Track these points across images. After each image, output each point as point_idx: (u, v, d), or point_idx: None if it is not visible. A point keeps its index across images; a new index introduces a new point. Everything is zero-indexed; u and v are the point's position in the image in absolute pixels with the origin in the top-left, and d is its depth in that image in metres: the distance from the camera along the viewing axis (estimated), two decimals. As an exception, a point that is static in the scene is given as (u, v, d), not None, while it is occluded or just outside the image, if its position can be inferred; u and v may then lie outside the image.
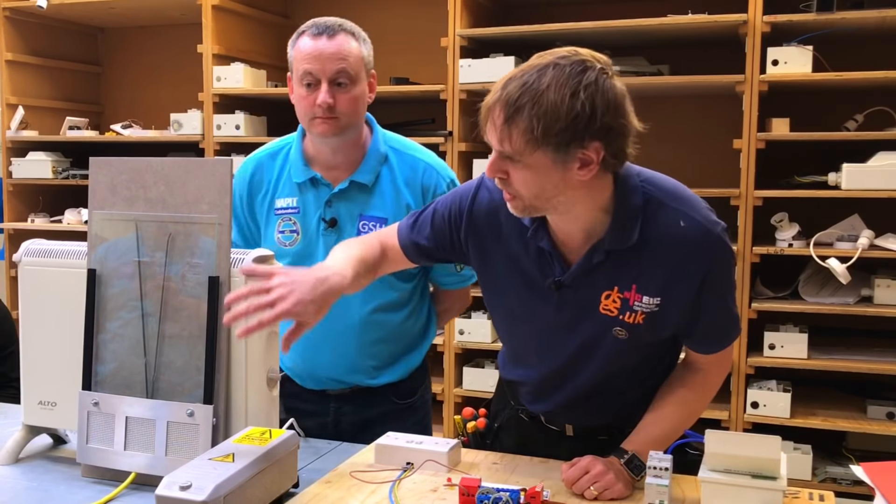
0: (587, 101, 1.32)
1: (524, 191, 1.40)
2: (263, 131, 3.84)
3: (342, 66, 1.82)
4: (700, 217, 1.46)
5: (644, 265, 1.45)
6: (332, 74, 1.82)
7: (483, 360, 3.50)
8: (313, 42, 1.83)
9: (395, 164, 1.93)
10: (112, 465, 1.52)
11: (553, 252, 1.50)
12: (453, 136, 3.42)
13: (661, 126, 3.56)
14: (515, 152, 1.36)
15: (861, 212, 3.12)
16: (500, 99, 1.35)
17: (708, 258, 1.44)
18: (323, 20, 1.86)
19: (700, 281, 1.45)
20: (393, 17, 3.95)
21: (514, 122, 1.34)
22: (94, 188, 1.56)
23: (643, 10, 3.23)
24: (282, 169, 1.94)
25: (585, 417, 1.65)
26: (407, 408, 2.02)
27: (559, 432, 1.69)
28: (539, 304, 1.55)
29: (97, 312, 1.54)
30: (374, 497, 1.48)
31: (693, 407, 1.58)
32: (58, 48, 4.29)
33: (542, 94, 1.32)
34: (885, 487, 1.40)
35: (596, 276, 1.48)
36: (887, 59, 3.06)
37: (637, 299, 1.47)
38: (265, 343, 1.49)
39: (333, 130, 1.84)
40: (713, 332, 1.53)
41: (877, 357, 3.08)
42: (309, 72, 1.82)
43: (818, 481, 3.07)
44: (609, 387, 1.60)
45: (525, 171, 1.37)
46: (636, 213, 1.44)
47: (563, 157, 1.35)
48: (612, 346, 1.53)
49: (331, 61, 1.81)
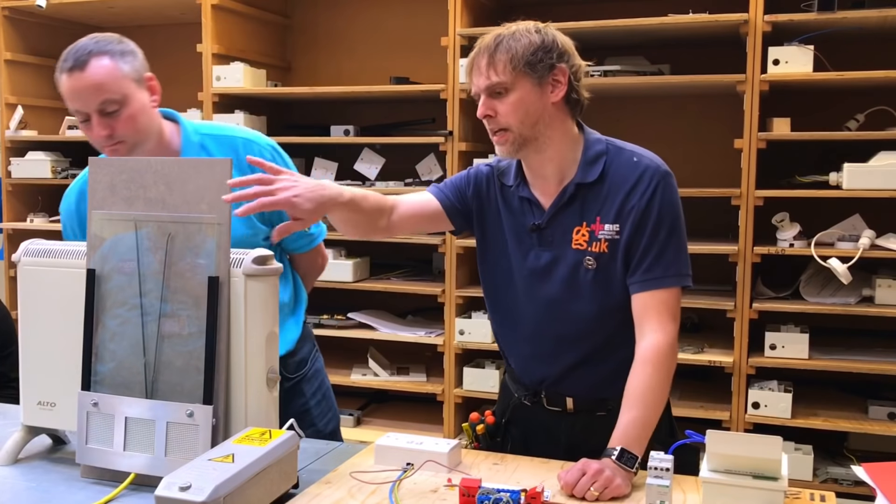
0: (546, 35, 1.67)
1: (512, 119, 1.65)
2: (263, 131, 3.82)
3: (103, 97, 1.74)
4: (651, 157, 1.71)
5: (605, 197, 1.69)
6: (97, 107, 1.75)
7: (483, 361, 3.50)
8: (69, 79, 1.76)
9: (213, 149, 1.90)
10: (111, 465, 1.51)
11: (532, 200, 1.74)
12: (453, 136, 3.42)
13: (661, 126, 3.60)
14: (502, 80, 1.63)
15: (862, 212, 3.12)
16: (481, 48, 1.67)
17: (654, 185, 1.67)
18: (75, 49, 1.78)
19: (646, 204, 1.66)
20: (393, 17, 3.95)
21: (496, 56, 1.64)
22: (93, 188, 1.56)
23: (643, 10, 3.22)
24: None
25: (580, 387, 1.76)
26: (301, 380, 2.03)
27: (560, 411, 1.78)
28: (522, 253, 1.75)
29: (96, 312, 1.54)
30: (374, 497, 1.48)
31: (653, 381, 1.62)
32: (57, 48, 4.23)
33: (513, 34, 1.66)
34: (886, 488, 1.40)
35: (567, 214, 1.71)
36: (888, 59, 3.05)
37: (600, 228, 1.69)
38: (265, 343, 1.49)
39: (124, 154, 1.79)
40: (654, 263, 1.66)
41: (878, 357, 3.07)
42: (77, 110, 1.78)
43: (819, 482, 3.07)
44: (592, 348, 1.73)
45: (511, 97, 1.64)
46: (600, 155, 1.71)
47: (539, 80, 1.64)
48: (585, 283, 1.70)
49: (90, 95, 1.74)
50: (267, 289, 1.50)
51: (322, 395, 2.10)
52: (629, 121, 3.58)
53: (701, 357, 3.17)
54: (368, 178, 3.69)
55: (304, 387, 2.04)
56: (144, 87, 1.82)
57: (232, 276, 1.47)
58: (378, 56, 3.96)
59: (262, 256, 1.50)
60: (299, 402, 1.66)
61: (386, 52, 3.95)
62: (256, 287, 1.48)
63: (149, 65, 1.90)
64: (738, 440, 1.42)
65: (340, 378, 3.61)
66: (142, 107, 1.80)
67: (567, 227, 1.71)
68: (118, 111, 1.76)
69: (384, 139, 3.64)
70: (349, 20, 4.05)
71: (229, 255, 1.48)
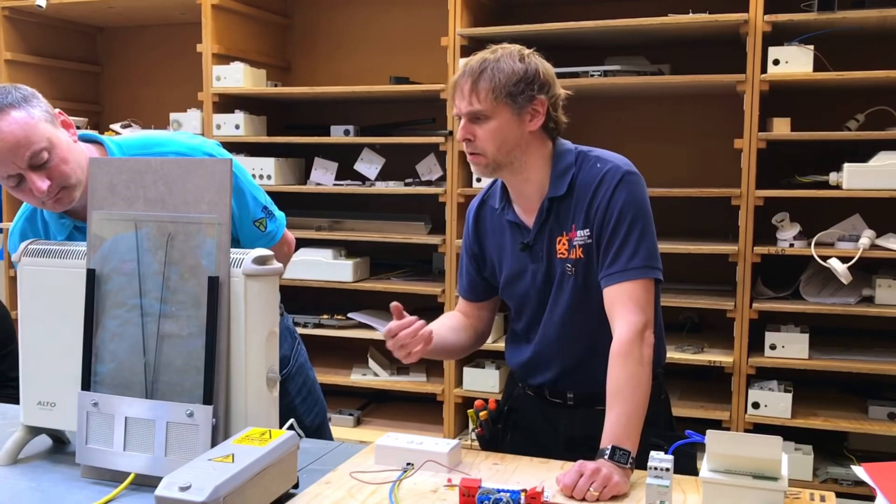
0: (530, 64, 1.71)
1: (489, 145, 1.71)
2: (263, 131, 3.84)
3: (30, 150, 1.60)
4: (613, 161, 1.76)
5: (576, 206, 1.75)
6: (28, 162, 1.61)
7: (483, 361, 3.50)
8: None
9: None
10: (111, 465, 1.51)
11: (519, 222, 1.81)
12: (453, 136, 3.42)
13: (661, 126, 3.60)
14: (482, 108, 1.69)
15: (862, 212, 3.12)
16: (465, 72, 1.71)
17: (614, 184, 1.72)
18: None
19: (607, 203, 1.71)
20: (393, 17, 3.95)
21: (479, 82, 1.69)
22: (93, 188, 1.56)
23: (643, 10, 3.22)
24: (45, 231, 1.84)
25: (579, 383, 1.81)
26: (286, 379, 2.03)
27: (561, 403, 1.84)
28: (521, 269, 1.82)
29: (96, 312, 1.54)
30: (374, 498, 1.48)
31: (625, 373, 1.63)
32: (57, 48, 4.28)
33: (498, 61, 1.70)
34: (886, 488, 1.40)
35: (548, 229, 1.78)
36: (888, 59, 3.05)
37: (575, 236, 1.75)
38: (265, 343, 1.49)
39: (69, 203, 1.69)
40: (616, 258, 1.70)
41: (878, 357, 3.07)
42: (7, 175, 1.62)
43: (819, 482, 3.07)
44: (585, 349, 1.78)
45: (490, 125, 1.70)
46: (569, 168, 1.77)
47: (519, 110, 1.70)
48: (569, 289, 1.76)
49: (16, 153, 1.59)
50: (267, 289, 1.50)
51: (308, 391, 2.10)
52: (629, 121, 3.58)
53: (701, 357, 3.17)
54: (368, 177, 3.69)
55: (288, 386, 2.03)
56: (59, 125, 1.69)
57: (232, 276, 1.47)
58: (378, 56, 3.95)
59: (262, 256, 1.50)
60: (284, 401, 1.64)
61: (386, 52, 3.95)
62: (256, 287, 1.48)
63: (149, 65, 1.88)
64: (738, 440, 1.42)
65: (340, 378, 3.61)
66: (67, 145, 1.67)
67: (550, 241, 1.78)
68: (49, 159, 1.62)
69: (384, 139, 3.64)
70: (349, 20, 4.04)
71: (229, 255, 1.48)
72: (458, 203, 3.44)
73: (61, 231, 1.82)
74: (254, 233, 1.91)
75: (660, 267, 1.73)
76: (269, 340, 1.49)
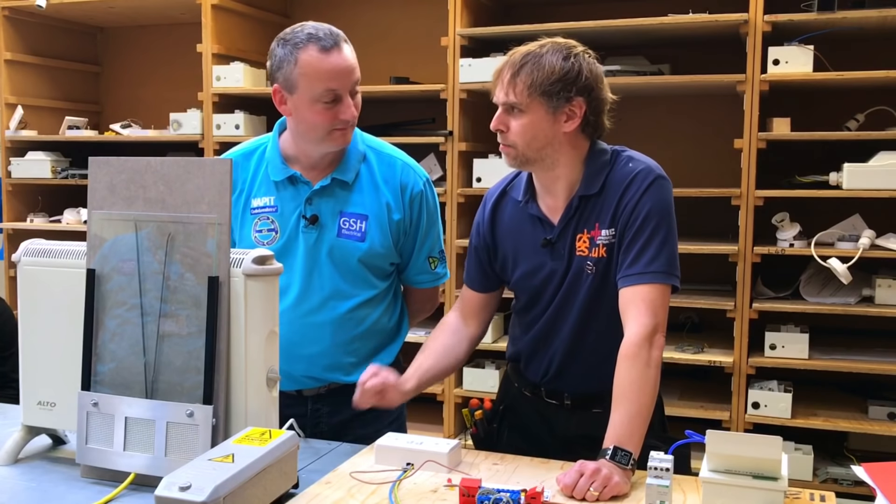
0: (575, 64, 1.68)
1: (520, 139, 1.69)
2: (263, 131, 3.83)
3: (356, 78, 1.85)
4: (646, 162, 1.74)
5: (603, 204, 1.73)
6: (352, 87, 1.84)
7: (483, 361, 3.50)
8: (328, 57, 1.80)
9: (373, 162, 1.95)
10: (111, 465, 1.51)
11: (542, 217, 1.78)
12: (453, 136, 3.42)
13: (661, 126, 3.60)
14: (518, 101, 1.68)
15: (862, 212, 3.12)
16: (508, 62, 1.71)
17: (644, 186, 1.70)
18: (318, 30, 1.83)
19: (635, 203, 1.69)
20: (393, 17, 3.95)
21: (518, 75, 1.68)
22: (93, 188, 1.56)
23: (643, 10, 3.22)
24: (257, 168, 1.94)
25: (577, 383, 1.80)
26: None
27: (558, 405, 1.83)
28: (538, 268, 1.79)
29: (96, 312, 1.54)
30: (374, 498, 1.48)
31: (631, 375, 1.62)
32: (57, 48, 4.28)
33: (542, 57, 1.68)
34: (886, 488, 1.40)
35: (572, 225, 1.76)
36: (888, 59, 3.05)
37: (598, 234, 1.73)
38: (265, 343, 1.49)
39: (348, 139, 1.88)
40: (636, 260, 1.68)
41: (878, 357, 3.07)
42: (331, 89, 1.80)
43: (819, 482, 3.07)
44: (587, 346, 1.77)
45: (523, 119, 1.68)
46: (604, 166, 1.75)
47: (554, 109, 1.68)
48: (585, 287, 1.74)
49: (349, 74, 1.83)
50: (267, 288, 1.50)
51: (398, 425, 2.05)
52: (629, 121, 3.55)
53: (701, 357, 3.17)
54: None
55: (382, 414, 1.95)
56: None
57: (232, 276, 1.47)
58: (378, 56, 3.95)
59: (262, 256, 1.50)
60: (375, 427, 1.82)
61: (386, 52, 3.94)
62: (256, 287, 1.48)
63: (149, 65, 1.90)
64: (738, 440, 1.42)
65: (340, 378, 3.60)
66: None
67: (572, 237, 1.76)
68: (356, 93, 1.86)
69: (384, 139, 3.62)
70: (349, 20, 4.04)
71: (229, 255, 1.48)
72: (458, 203, 3.44)
73: (279, 172, 1.91)
74: (424, 266, 2.01)
75: (678, 275, 1.71)
76: (269, 340, 1.49)
